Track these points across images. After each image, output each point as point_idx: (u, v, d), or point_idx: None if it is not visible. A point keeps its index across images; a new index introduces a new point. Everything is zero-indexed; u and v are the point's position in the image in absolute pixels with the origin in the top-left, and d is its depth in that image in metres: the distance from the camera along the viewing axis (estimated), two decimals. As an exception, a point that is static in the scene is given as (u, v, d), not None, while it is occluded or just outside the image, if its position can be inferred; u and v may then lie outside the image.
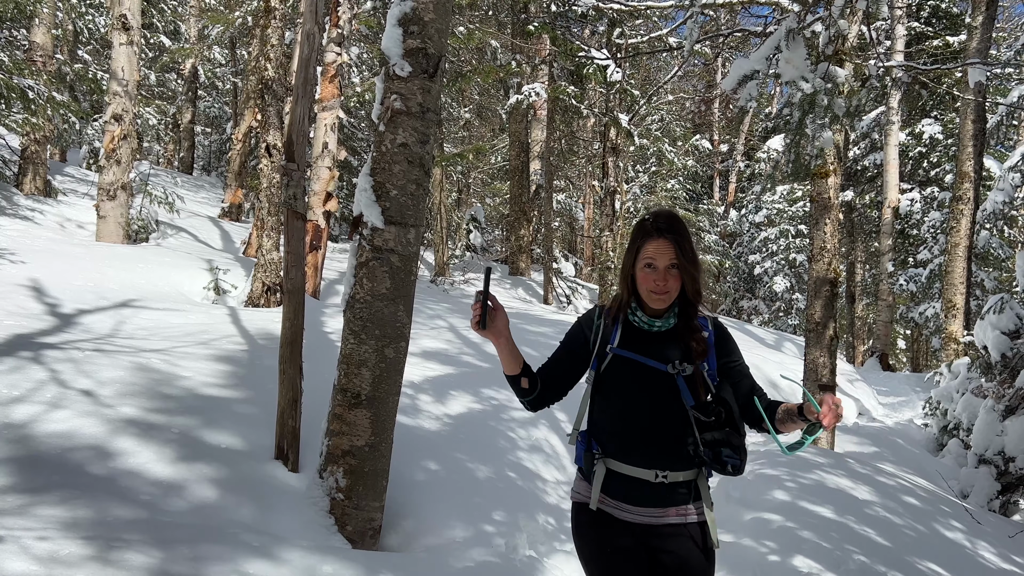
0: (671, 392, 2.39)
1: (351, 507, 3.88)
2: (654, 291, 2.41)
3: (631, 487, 2.41)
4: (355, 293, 3.88)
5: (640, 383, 2.42)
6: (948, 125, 20.52)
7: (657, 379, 2.41)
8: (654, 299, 2.43)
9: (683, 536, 2.43)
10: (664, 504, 2.42)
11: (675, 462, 2.40)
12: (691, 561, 2.43)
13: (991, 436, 7.60)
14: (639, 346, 2.46)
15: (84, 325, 6.11)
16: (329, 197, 9.50)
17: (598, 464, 2.45)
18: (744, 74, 5.46)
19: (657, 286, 2.40)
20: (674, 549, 2.42)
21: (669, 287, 2.40)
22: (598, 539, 2.47)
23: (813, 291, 7.91)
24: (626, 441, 2.42)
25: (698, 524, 2.45)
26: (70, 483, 3.50)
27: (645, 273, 2.42)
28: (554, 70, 16.50)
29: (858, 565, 4.42)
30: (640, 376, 2.42)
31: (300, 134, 4.51)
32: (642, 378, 2.42)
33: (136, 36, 10.77)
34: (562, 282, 17.16)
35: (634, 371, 2.43)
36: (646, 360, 2.43)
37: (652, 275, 2.41)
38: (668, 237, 2.41)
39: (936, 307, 18.18)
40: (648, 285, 2.42)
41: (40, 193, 12.52)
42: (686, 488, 2.43)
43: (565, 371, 2.58)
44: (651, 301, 2.44)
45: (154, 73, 23.59)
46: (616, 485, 2.43)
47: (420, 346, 7.36)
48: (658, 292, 2.41)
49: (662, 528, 2.42)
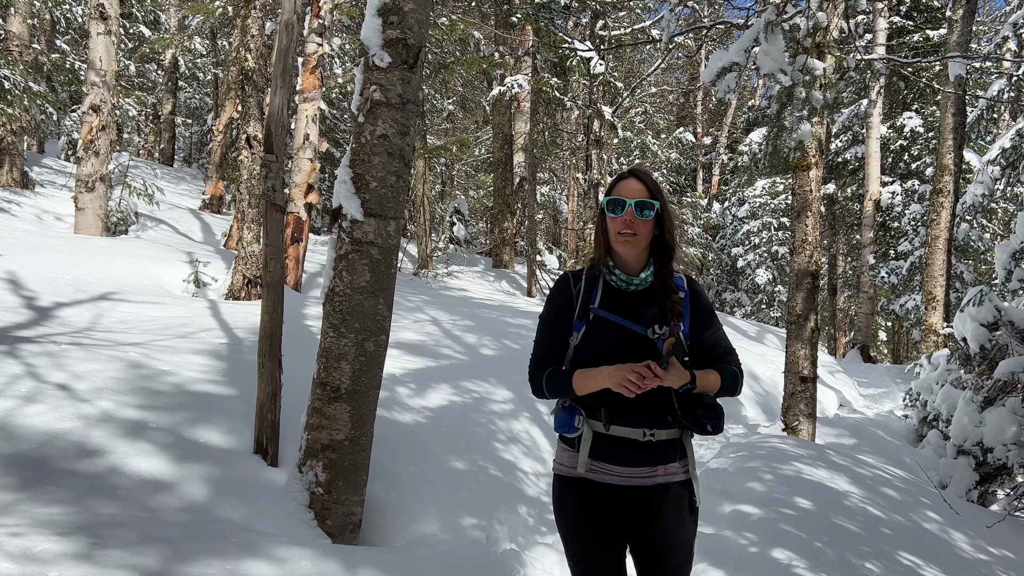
0: (651, 355, 2.38)
1: (331, 501, 3.86)
2: (621, 231, 2.39)
3: (620, 447, 2.41)
4: (334, 286, 3.85)
5: (621, 345, 2.40)
6: (929, 118, 20.64)
7: (637, 342, 2.40)
8: (621, 242, 2.40)
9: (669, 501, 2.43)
10: (652, 463, 2.43)
11: (660, 421, 2.41)
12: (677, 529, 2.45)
13: (970, 427, 7.67)
14: (619, 307, 2.44)
15: (62, 318, 6.05)
16: (311, 189, 9.44)
17: (584, 427, 2.43)
18: (723, 66, 5.46)
19: (624, 224, 2.38)
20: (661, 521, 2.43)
21: (637, 228, 2.39)
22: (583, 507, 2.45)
23: (795, 283, 7.94)
24: (612, 403, 2.38)
25: (683, 483, 2.47)
26: (45, 479, 3.46)
27: (613, 218, 2.41)
28: (537, 62, 16.47)
29: (837, 556, 4.45)
30: (621, 338, 2.41)
31: (279, 125, 4.47)
32: (623, 340, 2.41)
33: (114, 26, 10.65)
34: (546, 274, 17.16)
35: (616, 333, 2.42)
36: (626, 322, 2.42)
37: (618, 216, 2.39)
38: (636, 175, 2.44)
39: (916, 299, 18.32)
40: (615, 227, 2.41)
41: (17, 185, 12.38)
42: (672, 446, 2.45)
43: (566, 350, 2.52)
44: (619, 245, 2.42)
45: (133, 63, 23.36)
46: (603, 447, 2.41)
47: (400, 339, 7.34)
48: (626, 231, 2.38)
49: (650, 490, 2.42)
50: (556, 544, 4.57)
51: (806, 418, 7.81)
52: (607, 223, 2.44)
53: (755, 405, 10.26)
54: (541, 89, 15.81)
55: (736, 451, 6.72)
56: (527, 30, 16.29)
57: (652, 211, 2.41)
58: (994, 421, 7.42)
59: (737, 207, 28.28)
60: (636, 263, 2.47)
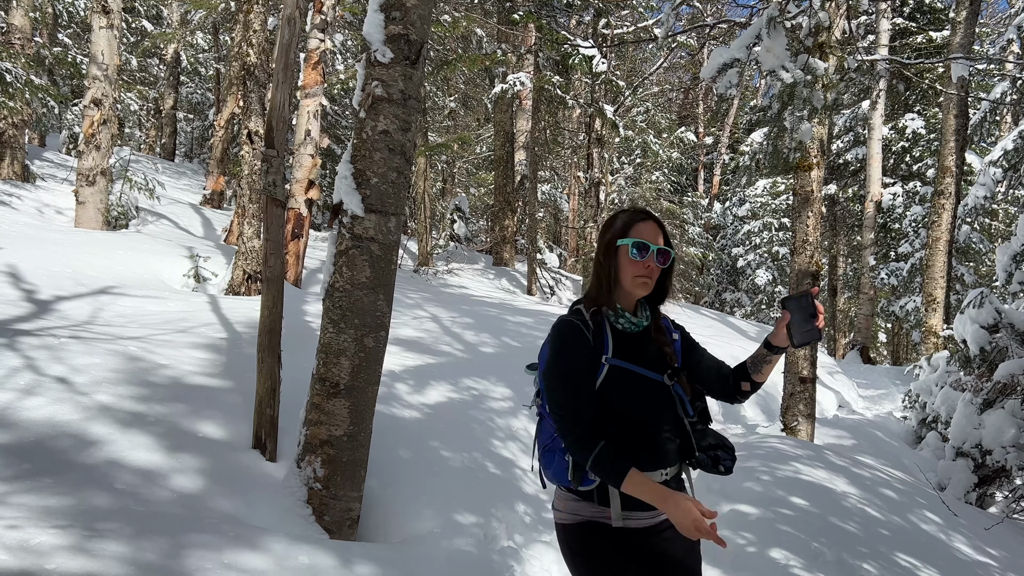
0: (669, 400, 2.39)
1: (329, 497, 3.86)
2: (640, 275, 2.35)
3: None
4: (334, 282, 3.85)
5: (640, 393, 2.36)
6: (931, 120, 20.63)
7: (654, 389, 2.38)
8: (639, 284, 2.36)
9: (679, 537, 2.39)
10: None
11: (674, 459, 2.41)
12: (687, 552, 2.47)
13: (969, 429, 7.67)
14: (631, 354, 2.38)
15: (61, 312, 6.05)
16: (311, 185, 9.44)
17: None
18: (724, 62, 5.45)
19: (647, 269, 2.35)
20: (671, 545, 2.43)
21: (654, 273, 2.37)
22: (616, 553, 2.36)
23: (795, 284, 7.93)
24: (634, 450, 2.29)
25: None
26: (43, 471, 3.46)
27: (632, 259, 2.34)
28: (539, 60, 16.45)
29: (835, 557, 4.45)
30: (639, 386, 2.36)
31: (280, 120, 4.47)
32: (641, 388, 2.36)
33: (117, 20, 10.64)
34: (546, 273, 17.15)
35: (633, 382, 2.35)
36: (643, 371, 2.37)
37: (640, 259, 2.34)
38: (655, 220, 2.41)
39: (917, 301, 18.31)
40: (635, 271, 2.35)
41: (18, 178, 12.37)
42: (676, 483, 2.44)
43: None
44: (636, 288, 2.37)
45: (135, 58, 23.36)
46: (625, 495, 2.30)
47: (400, 335, 7.34)
48: (643, 276, 2.35)
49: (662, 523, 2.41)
50: (553, 542, 4.56)
51: (805, 419, 7.81)
52: (623, 263, 2.37)
53: (754, 405, 10.26)
54: (543, 87, 15.79)
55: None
56: (529, 28, 16.27)
57: (669, 259, 2.39)
58: (993, 423, 7.42)
59: (738, 207, 28.29)
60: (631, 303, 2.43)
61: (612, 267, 2.38)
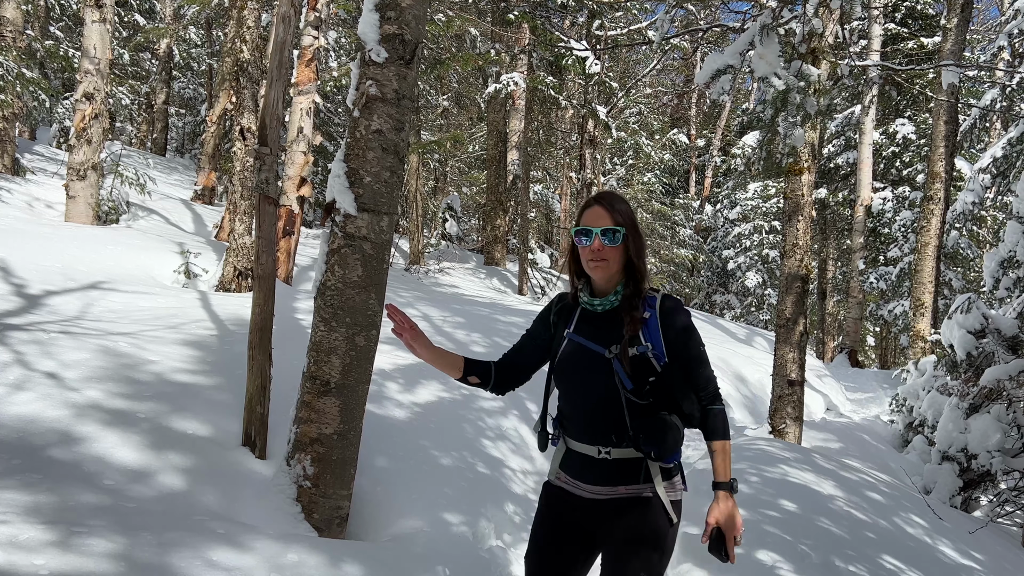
0: (609, 375, 2.44)
1: (318, 495, 3.86)
2: (591, 259, 2.46)
3: (583, 464, 2.51)
4: (326, 280, 3.85)
5: (584, 365, 2.49)
6: (922, 126, 20.74)
7: (597, 362, 2.47)
8: (592, 268, 2.47)
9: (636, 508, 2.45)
10: (613, 483, 2.47)
11: (618, 440, 2.45)
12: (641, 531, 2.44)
13: (955, 433, 7.72)
14: (588, 330, 2.53)
15: (51, 307, 6.02)
16: (304, 182, 9.42)
17: (558, 442, 2.63)
18: (717, 68, 5.48)
19: (592, 253, 2.44)
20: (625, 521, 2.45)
21: (605, 254, 2.44)
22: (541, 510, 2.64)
23: (784, 287, 7.97)
24: (574, 420, 2.53)
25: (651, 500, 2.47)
26: (32, 467, 3.45)
27: (582, 245, 2.47)
28: (533, 60, 16.48)
29: (821, 559, 4.48)
30: (584, 359, 2.50)
31: (273, 118, 4.46)
32: (586, 360, 2.49)
33: (109, 14, 10.59)
34: (537, 273, 17.17)
35: (581, 354, 2.51)
36: (589, 343, 2.50)
37: (588, 245, 2.46)
38: (602, 203, 2.49)
39: (905, 305, 18.40)
40: (584, 255, 2.48)
41: (8, 172, 12.30)
42: (635, 467, 2.46)
43: (527, 354, 2.71)
44: (592, 271, 2.49)
45: (128, 52, 23.23)
46: (572, 462, 2.56)
47: (391, 334, 7.32)
48: (594, 260, 2.45)
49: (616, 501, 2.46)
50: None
51: (793, 421, 7.84)
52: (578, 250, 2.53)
53: (742, 407, 10.29)
54: (536, 87, 15.82)
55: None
56: (523, 28, 16.29)
57: (619, 236, 2.46)
58: (979, 428, 7.48)
59: (729, 209, 28.39)
60: (608, 286, 2.53)
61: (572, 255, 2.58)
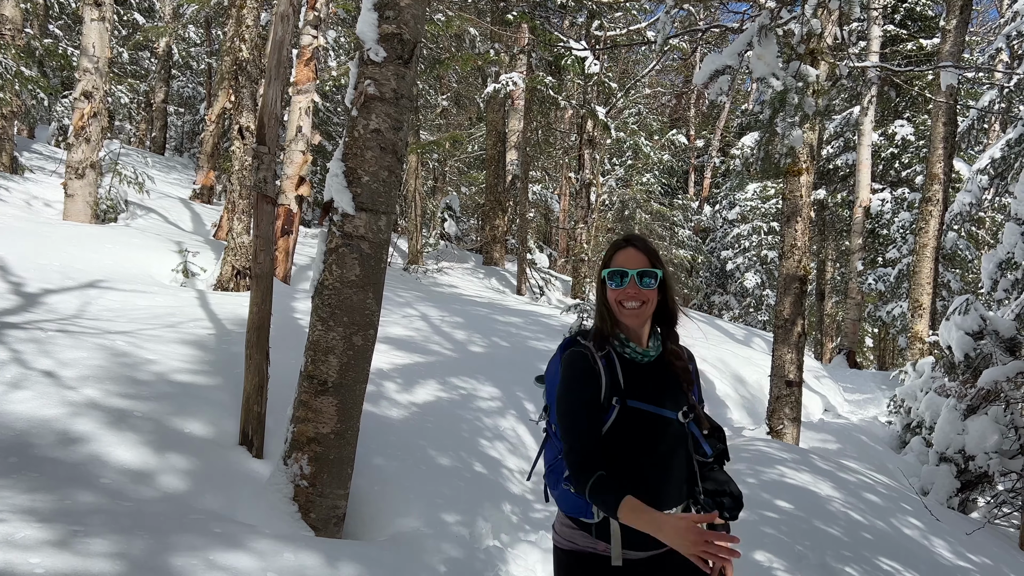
0: (683, 439, 2.33)
1: (315, 494, 3.86)
2: (625, 300, 2.28)
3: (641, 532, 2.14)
4: (324, 279, 3.85)
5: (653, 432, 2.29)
6: (920, 127, 20.75)
7: (669, 428, 2.31)
8: (627, 314, 2.29)
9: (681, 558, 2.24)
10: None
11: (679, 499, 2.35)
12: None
13: (952, 435, 7.72)
14: (643, 390, 2.31)
15: (49, 305, 6.02)
16: (302, 181, 9.42)
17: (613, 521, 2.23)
18: (716, 69, 5.49)
19: (627, 295, 2.28)
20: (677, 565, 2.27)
21: (643, 296, 2.28)
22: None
23: (783, 288, 7.97)
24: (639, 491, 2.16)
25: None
26: (29, 466, 3.45)
27: (615, 289, 2.30)
28: (532, 60, 16.47)
29: (818, 560, 4.48)
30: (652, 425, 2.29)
31: (272, 117, 4.46)
32: (654, 427, 2.30)
33: (108, 12, 10.58)
34: (536, 273, 17.16)
35: (646, 421, 2.29)
36: (658, 410, 2.30)
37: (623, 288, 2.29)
38: (634, 244, 2.34)
39: (903, 306, 18.41)
40: (619, 296, 2.29)
41: (6, 170, 12.29)
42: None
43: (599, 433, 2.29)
44: (624, 317, 2.30)
45: (127, 51, 23.21)
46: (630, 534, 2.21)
47: (389, 334, 7.33)
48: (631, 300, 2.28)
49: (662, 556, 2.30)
50: (539, 542, 4.58)
51: (791, 422, 7.84)
52: (609, 294, 2.33)
53: (740, 408, 10.30)
54: (535, 87, 15.80)
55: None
56: (523, 28, 16.28)
57: (655, 280, 2.31)
58: (976, 429, 7.48)
59: (728, 210, 28.40)
60: (642, 332, 2.35)
61: (604, 299, 2.35)
